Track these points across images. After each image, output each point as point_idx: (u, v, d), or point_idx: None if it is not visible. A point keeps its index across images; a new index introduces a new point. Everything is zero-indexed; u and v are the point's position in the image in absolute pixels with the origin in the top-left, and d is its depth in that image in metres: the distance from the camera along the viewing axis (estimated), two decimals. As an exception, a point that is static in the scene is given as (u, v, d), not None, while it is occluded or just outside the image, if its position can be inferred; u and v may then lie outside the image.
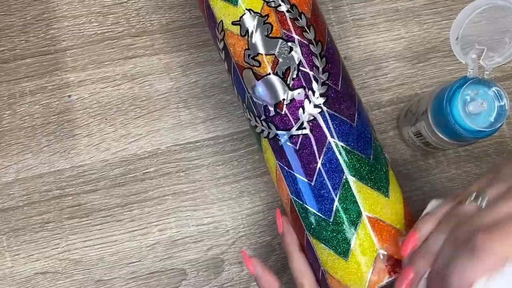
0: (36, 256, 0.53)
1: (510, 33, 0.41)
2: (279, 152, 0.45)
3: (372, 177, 0.43)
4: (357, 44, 0.56)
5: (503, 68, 0.56)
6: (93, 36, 0.55)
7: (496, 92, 0.43)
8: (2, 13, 0.56)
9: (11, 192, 0.53)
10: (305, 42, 0.44)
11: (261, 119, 0.46)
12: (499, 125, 0.43)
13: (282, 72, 0.44)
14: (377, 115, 0.55)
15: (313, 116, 0.43)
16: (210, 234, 0.54)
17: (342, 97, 0.44)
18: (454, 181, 0.54)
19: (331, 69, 0.44)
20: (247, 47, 0.45)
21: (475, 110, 0.43)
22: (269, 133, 0.46)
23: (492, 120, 0.43)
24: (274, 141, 0.45)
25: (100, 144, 0.54)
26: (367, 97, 0.55)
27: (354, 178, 0.43)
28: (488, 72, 0.43)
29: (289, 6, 0.44)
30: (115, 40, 0.55)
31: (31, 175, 0.54)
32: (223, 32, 0.46)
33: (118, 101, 0.55)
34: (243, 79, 0.46)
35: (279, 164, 0.46)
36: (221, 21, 0.46)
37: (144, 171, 0.54)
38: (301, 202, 0.45)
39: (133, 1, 0.56)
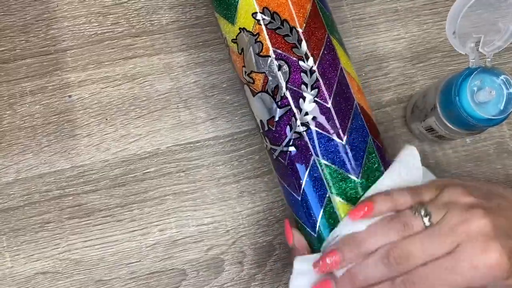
0: (36, 256, 0.53)
1: (503, 18, 0.42)
2: (274, 164, 0.47)
3: (359, 196, 0.43)
4: (357, 44, 0.56)
5: (504, 68, 0.56)
6: (93, 36, 0.55)
7: (505, 79, 0.43)
8: (2, 13, 0.56)
9: (12, 192, 0.53)
10: (294, 59, 0.43)
11: (260, 132, 0.47)
12: (510, 111, 0.43)
13: (272, 90, 0.44)
14: (377, 115, 0.55)
15: (299, 134, 0.43)
16: (210, 234, 0.54)
17: (332, 113, 0.43)
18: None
19: (323, 84, 0.44)
20: (243, 65, 0.45)
21: (484, 98, 0.43)
22: (266, 146, 0.47)
23: (502, 108, 0.43)
24: (270, 154, 0.46)
25: (100, 144, 0.54)
26: (367, 97, 0.55)
27: (338, 198, 0.43)
28: (489, 59, 0.43)
29: (279, 23, 0.43)
30: (115, 40, 0.55)
31: (31, 175, 0.54)
32: (228, 47, 0.47)
33: (119, 101, 0.55)
34: (245, 93, 0.47)
35: (275, 175, 0.47)
36: (225, 37, 0.47)
37: (144, 171, 0.54)
38: (293, 213, 0.46)
39: (133, 1, 0.56)
